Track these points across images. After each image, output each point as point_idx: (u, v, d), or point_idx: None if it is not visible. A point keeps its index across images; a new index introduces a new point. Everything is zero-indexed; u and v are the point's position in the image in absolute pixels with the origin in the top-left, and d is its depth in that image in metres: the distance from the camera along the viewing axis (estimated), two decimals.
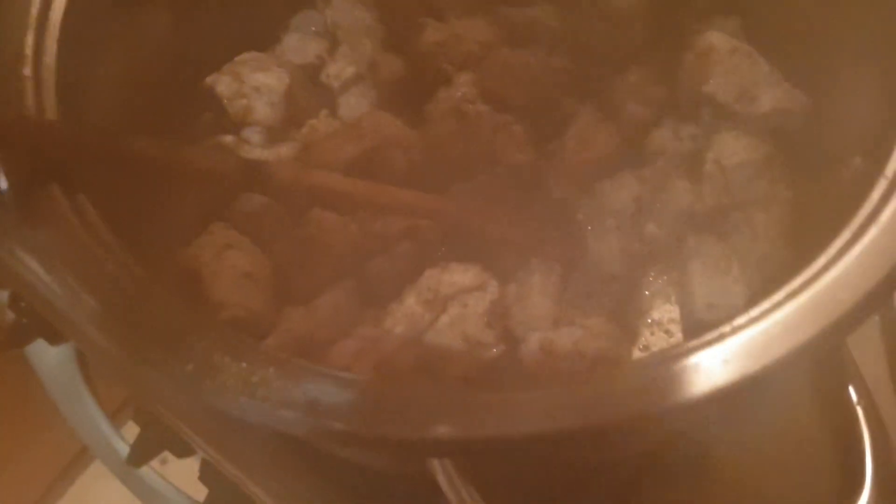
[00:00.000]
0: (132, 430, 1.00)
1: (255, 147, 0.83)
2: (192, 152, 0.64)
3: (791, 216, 0.79)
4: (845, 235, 0.54)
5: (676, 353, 0.50)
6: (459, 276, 0.75)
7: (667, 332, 0.79)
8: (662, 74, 0.88)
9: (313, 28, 0.93)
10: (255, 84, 0.82)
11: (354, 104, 0.89)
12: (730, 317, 0.73)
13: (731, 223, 0.80)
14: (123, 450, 1.12)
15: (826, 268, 0.52)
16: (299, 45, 0.91)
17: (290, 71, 0.85)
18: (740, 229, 0.80)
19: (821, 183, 0.76)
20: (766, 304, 0.51)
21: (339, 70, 0.90)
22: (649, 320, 0.80)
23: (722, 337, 0.50)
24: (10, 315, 1.23)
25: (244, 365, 0.49)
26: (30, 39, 0.64)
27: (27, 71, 0.63)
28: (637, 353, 0.79)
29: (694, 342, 0.50)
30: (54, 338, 1.10)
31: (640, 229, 0.82)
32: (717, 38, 0.79)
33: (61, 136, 0.55)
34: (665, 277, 0.81)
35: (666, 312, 0.80)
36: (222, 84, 0.82)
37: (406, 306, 0.73)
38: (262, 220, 0.79)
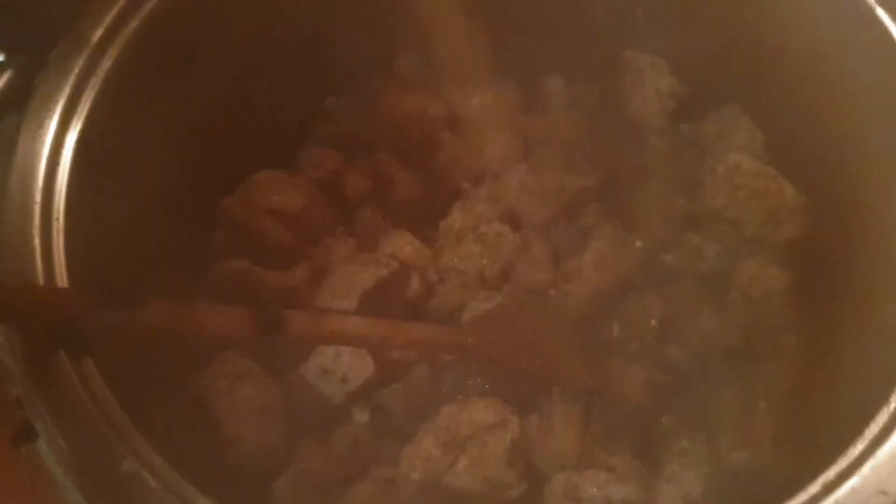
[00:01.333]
0: None
1: (268, 272, 0.81)
2: (205, 315, 0.62)
3: (821, 345, 0.77)
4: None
5: None
6: (479, 413, 0.72)
7: (694, 464, 0.76)
8: (685, 190, 0.86)
9: (329, 141, 0.92)
10: (269, 206, 0.81)
11: (370, 220, 0.88)
12: (757, 457, 0.73)
13: (758, 351, 0.78)
14: None
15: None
16: (315, 159, 0.89)
17: (305, 190, 0.84)
18: (769, 358, 0.78)
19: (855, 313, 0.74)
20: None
21: (354, 184, 0.89)
22: (676, 450, 0.77)
23: None
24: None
25: None
26: (38, 188, 0.62)
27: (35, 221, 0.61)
28: (663, 485, 0.76)
29: None
30: None
31: (665, 354, 0.80)
32: (742, 161, 0.77)
33: (70, 305, 0.54)
34: (692, 405, 0.78)
35: (693, 442, 0.77)
36: (236, 208, 0.81)
37: (423, 449, 0.71)
38: (275, 349, 0.77)
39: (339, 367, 0.75)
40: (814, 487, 0.51)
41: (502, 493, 0.71)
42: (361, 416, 0.77)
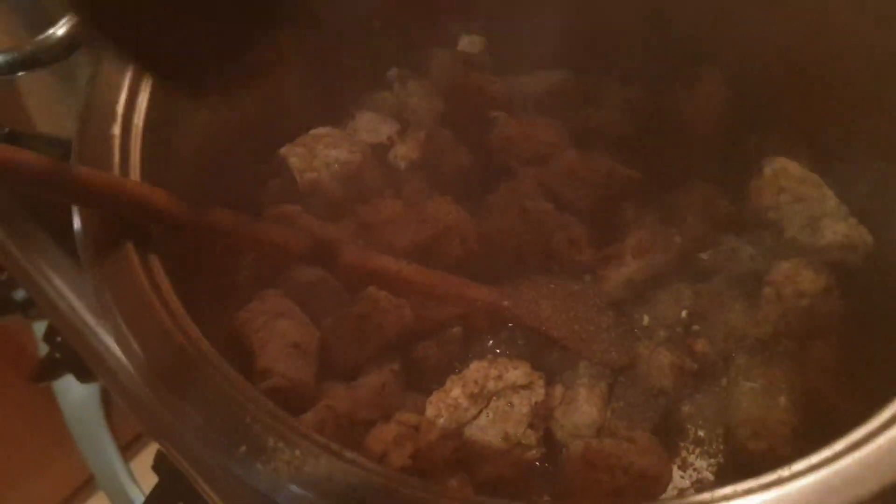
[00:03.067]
0: (141, 465, 1.01)
1: (318, 220, 0.84)
2: (267, 228, 0.65)
3: (848, 352, 0.79)
4: None
5: (732, 494, 0.49)
6: (508, 372, 0.74)
7: (709, 453, 0.78)
8: (726, 190, 0.88)
9: (387, 109, 0.95)
10: (327, 160, 0.84)
11: (418, 187, 0.91)
12: (774, 449, 0.74)
13: (784, 351, 0.79)
14: (131, 486, 1.13)
15: (891, 422, 0.51)
16: (372, 124, 0.93)
17: (361, 149, 0.87)
18: (794, 358, 0.79)
19: (884, 328, 0.75)
20: (826, 452, 0.50)
21: (407, 152, 0.92)
22: (692, 438, 0.78)
23: (780, 482, 0.49)
24: (44, 348, 1.26)
25: (297, 452, 0.49)
26: (121, 101, 0.66)
27: (116, 129, 0.65)
28: (676, 471, 0.77)
29: (750, 483, 0.49)
30: (84, 376, 1.12)
31: (692, 344, 0.81)
32: (788, 165, 0.80)
33: (143, 200, 0.57)
34: (712, 397, 0.80)
35: (710, 432, 0.79)
36: (295, 156, 0.84)
37: (451, 397, 0.73)
38: (317, 291, 0.80)
39: (377, 314, 0.77)
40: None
41: (521, 453, 0.73)
42: (392, 364, 0.79)
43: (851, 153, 0.83)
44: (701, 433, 0.79)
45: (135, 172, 0.64)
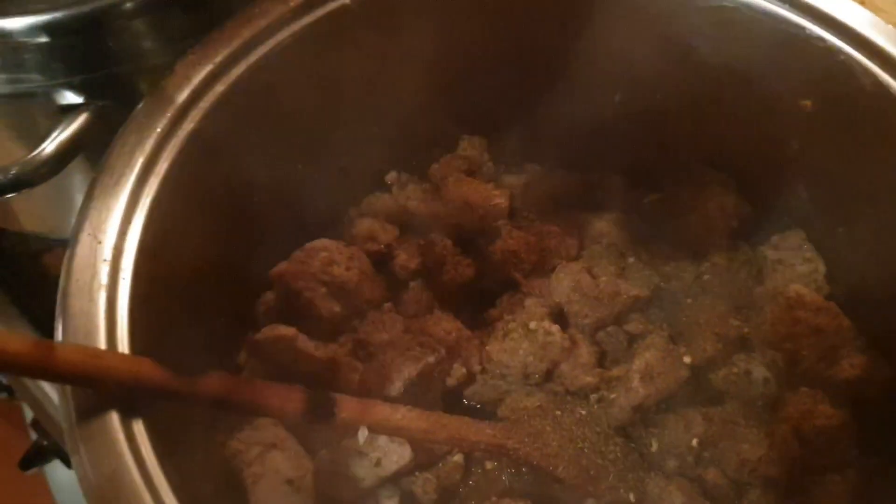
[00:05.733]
0: None
1: (313, 341, 0.81)
2: (261, 391, 0.62)
3: (864, 486, 0.75)
4: None
5: None
6: None
7: None
8: (739, 310, 0.85)
9: (385, 213, 0.92)
10: (322, 277, 0.81)
11: (419, 298, 0.87)
12: None
13: (801, 484, 0.76)
14: None
15: None
16: (370, 231, 0.90)
17: (359, 263, 0.84)
18: (808, 493, 0.76)
19: None
20: None
21: (406, 261, 0.88)
22: None
23: None
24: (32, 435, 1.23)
25: None
26: (110, 246, 0.62)
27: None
28: None
29: None
30: (69, 462, 1.08)
31: (703, 474, 0.78)
32: (804, 293, 0.77)
33: (130, 376, 0.53)
34: None
35: None
36: (290, 275, 0.81)
37: None
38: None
39: (375, 450, 0.74)
40: None
41: None
42: (390, 500, 0.75)
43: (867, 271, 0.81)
44: None
45: (122, 316, 0.60)
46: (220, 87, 0.70)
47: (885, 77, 0.70)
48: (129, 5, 0.73)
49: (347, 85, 0.83)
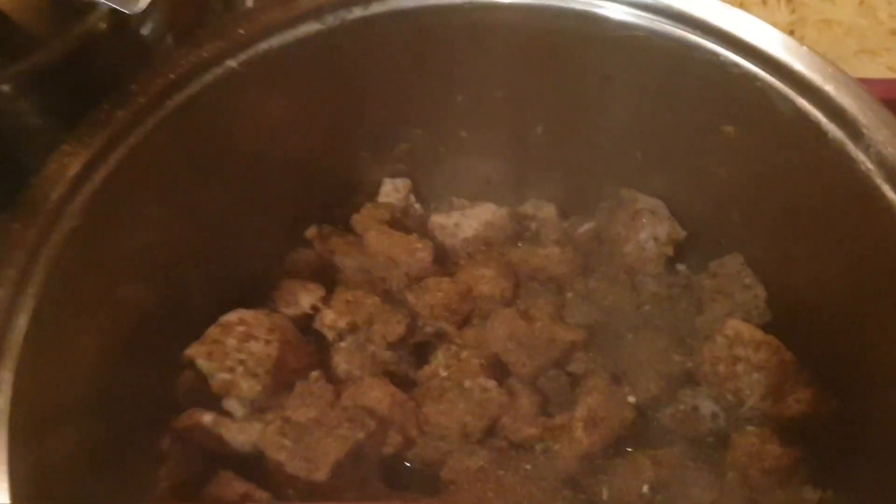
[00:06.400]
0: None
1: (235, 422, 0.77)
2: None
3: None
4: None
5: None
6: None
7: None
8: (680, 344, 0.82)
9: (309, 272, 0.88)
10: (239, 357, 0.76)
11: (348, 362, 0.83)
12: None
13: None
14: None
15: None
16: (293, 293, 0.85)
17: (280, 335, 0.79)
18: None
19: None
20: None
21: (334, 320, 0.84)
22: None
23: None
24: None
25: None
26: None
27: None
28: None
29: None
30: None
31: None
32: (742, 329, 0.73)
33: None
34: None
35: None
36: (203, 357, 0.76)
37: None
38: None
39: None
40: None
41: None
42: None
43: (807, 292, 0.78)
44: None
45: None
46: (99, 176, 0.65)
47: (801, 102, 0.66)
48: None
49: (246, 145, 0.78)
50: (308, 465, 0.71)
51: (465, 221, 0.93)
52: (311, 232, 0.90)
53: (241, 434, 0.76)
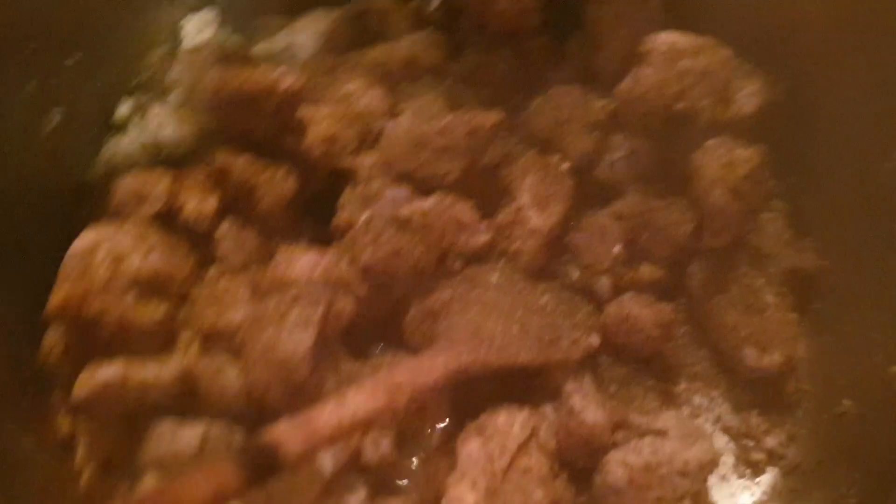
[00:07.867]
0: None
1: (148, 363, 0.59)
2: (190, 486, 0.42)
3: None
4: None
5: None
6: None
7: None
8: (597, 85, 0.74)
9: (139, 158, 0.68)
10: (122, 283, 0.57)
11: (236, 245, 0.66)
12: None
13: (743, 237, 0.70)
14: None
15: None
16: (135, 190, 0.65)
17: (151, 235, 0.60)
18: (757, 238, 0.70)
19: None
20: None
21: (199, 205, 0.66)
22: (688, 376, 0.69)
23: None
24: None
25: None
26: None
27: None
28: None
29: None
30: None
31: (637, 279, 0.69)
32: (676, 39, 0.65)
33: None
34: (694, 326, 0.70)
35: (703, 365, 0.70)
36: (73, 303, 0.56)
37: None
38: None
39: None
40: None
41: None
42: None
43: None
44: (697, 368, 0.70)
45: None
46: None
47: None
48: None
49: None
50: (274, 370, 0.56)
51: (297, 40, 0.75)
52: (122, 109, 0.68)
53: (162, 372, 0.58)
